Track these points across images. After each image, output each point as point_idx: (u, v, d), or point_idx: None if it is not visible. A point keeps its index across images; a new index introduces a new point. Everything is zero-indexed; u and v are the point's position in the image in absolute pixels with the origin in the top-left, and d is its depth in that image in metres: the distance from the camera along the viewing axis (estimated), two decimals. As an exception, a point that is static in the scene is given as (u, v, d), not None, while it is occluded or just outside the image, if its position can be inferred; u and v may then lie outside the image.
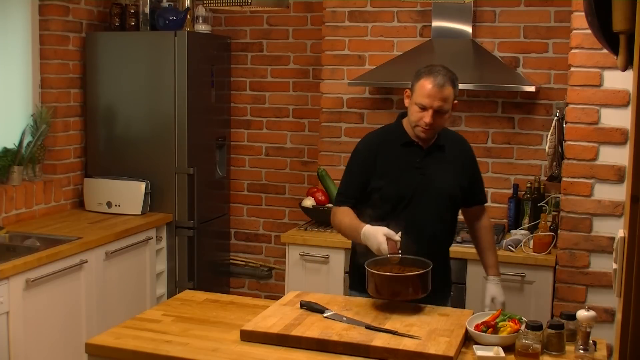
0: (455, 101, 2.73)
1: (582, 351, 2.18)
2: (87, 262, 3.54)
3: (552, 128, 3.58)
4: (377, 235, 2.56)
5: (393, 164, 2.78)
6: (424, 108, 2.66)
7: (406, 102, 2.77)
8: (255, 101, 4.73)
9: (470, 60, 3.95)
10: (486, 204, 3.02)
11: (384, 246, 2.52)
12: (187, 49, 4.14)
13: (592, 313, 2.23)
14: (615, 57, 2.06)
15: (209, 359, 2.17)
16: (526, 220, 3.88)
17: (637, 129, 1.65)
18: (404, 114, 2.83)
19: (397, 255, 2.50)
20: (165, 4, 4.35)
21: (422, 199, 2.75)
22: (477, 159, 2.99)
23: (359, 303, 2.58)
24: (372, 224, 2.62)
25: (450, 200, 2.82)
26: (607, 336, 2.56)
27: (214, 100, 4.53)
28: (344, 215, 2.78)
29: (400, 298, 2.49)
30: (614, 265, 1.83)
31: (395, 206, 2.74)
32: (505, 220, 4.00)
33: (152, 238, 4.09)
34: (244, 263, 4.84)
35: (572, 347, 2.22)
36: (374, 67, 4.10)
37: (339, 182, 2.98)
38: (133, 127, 4.29)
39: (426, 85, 2.65)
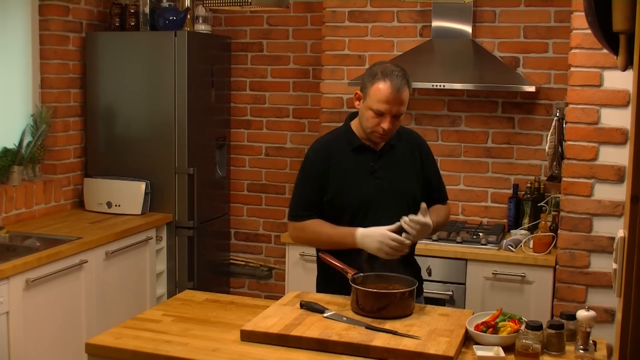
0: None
1: (582, 351, 2.18)
2: (87, 262, 3.55)
3: (552, 128, 3.59)
4: (385, 235, 2.43)
5: (346, 172, 2.59)
6: (381, 114, 2.47)
7: (356, 104, 2.56)
8: (255, 101, 4.73)
9: (470, 60, 3.95)
10: (448, 202, 2.84)
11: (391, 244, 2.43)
12: (187, 49, 4.14)
13: (592, 313, 2.22)
14: (615, 57, 2.06)
15: (209, 359, 2.17)
16: (526, 220, 3.88)
17: (637, 129, 1.66)
18: (353, 116, 2.65)
19: (361, 275, 2.47)
20: (165, 4, 4.35)
21: (381, 205, 2.58)
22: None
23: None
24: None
25: (411, 202, 2.61)
26: (607, 336, 2.56)
27: (214, 100, 4.53)
28: (321, 225, 2.59)
29: (384, 315, 2.36)
30: (614, 265, 1.83)
31: (353, 217, 2.57)
32: (505, 220, 4.00)
33: (152, 238, 4.09)
34: (244, 263, 4.84)
35: (572, 347, 2.22)
36: (374, 67, 4.10)
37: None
38: (133, 127, 4.29)
39: (383, 90, 2.44)
